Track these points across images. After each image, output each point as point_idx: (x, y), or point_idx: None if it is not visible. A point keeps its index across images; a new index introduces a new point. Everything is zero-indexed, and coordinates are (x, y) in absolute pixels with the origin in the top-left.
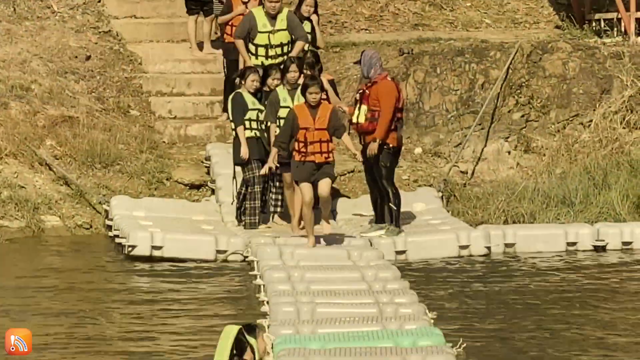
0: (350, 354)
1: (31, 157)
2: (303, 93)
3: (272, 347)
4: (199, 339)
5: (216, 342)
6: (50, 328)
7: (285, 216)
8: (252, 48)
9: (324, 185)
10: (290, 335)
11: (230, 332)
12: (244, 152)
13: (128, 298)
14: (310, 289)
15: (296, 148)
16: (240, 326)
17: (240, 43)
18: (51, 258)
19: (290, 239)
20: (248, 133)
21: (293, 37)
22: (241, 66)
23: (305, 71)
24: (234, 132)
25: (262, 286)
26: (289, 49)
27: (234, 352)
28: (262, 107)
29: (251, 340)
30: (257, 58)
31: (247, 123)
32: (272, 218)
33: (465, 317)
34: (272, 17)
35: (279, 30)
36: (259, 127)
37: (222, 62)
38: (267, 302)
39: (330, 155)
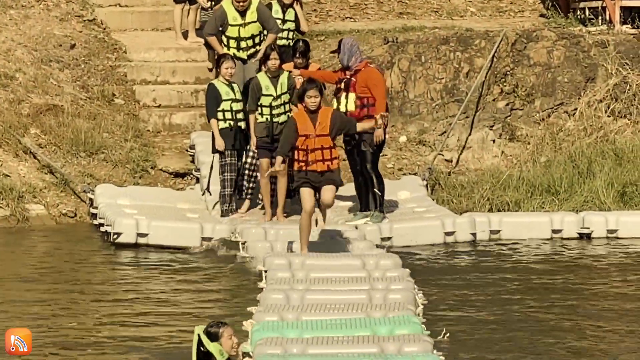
0: (328, 342)
1: (15, 145)
2: (301, 97)
3: (250, 334)
4: (183, 325)
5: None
6: (32, 316)
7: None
8: (224, 40)
9: (328, 192)
10: (268, 323)
11: (194, 338)
12: (219, 144)
13: (112, 285)
14: (310, 276)
15: (296, 157)
16: (198, 333)
17: (212, 40)
18: (36, 246)
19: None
20: (222, 124)
21: (264, 29)
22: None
23: (297, 59)
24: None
25: (263, 273)
26: (261, 39)
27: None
28: (236, 97)
29: (210, 347)
30: (228, 49)
31: (220, 114)
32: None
33: (449, 305)
34: (243, 10)
35: (249, 22)
36: (234, 117)
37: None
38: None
39: (334, 162)
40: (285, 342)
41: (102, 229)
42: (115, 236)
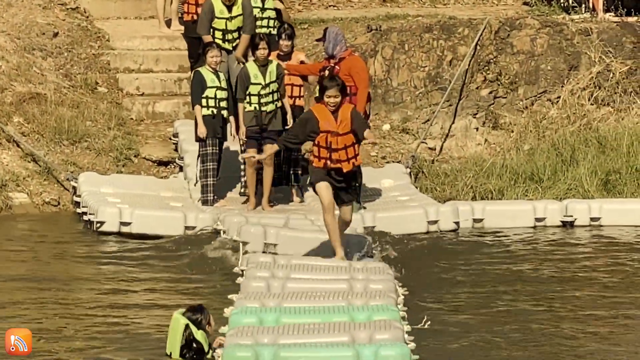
0: (299, 331)
1: None
2: (321, 95)
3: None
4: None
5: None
6: (17, 303)
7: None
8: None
9: (348, 211)
10: (246, 308)
11: (176, 325)
12: (201, 131)
13: (95, 273)
14: (291, 263)
15: (316, 153)
16: (187, 322)
17: (207, 38)
18: (19, 234)
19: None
20: (205, 111)
21: (242, 26)
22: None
23: (283, 41)
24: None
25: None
26: None
27: (186, 345)
28: (221, 85)
29: (198, 336)
30: (213, 40)
31: (204, 101)
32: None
33: (431, 294)
34: (229, 5)
35: (235, 16)
36: (217, 105)
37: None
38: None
39: (358, 158)
40: (257, 332)
41: (85, 217)
42: (98, 225)
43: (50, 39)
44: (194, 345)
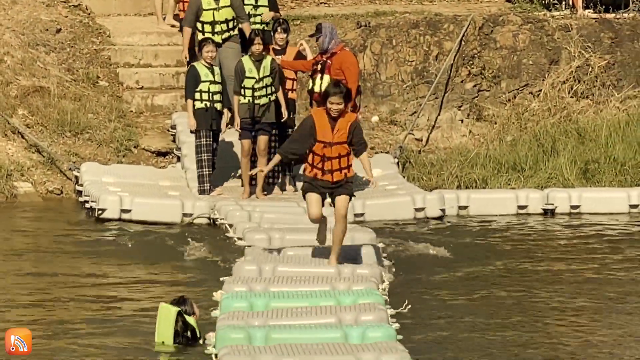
0: (289, 314)
1: (4, 126)
2: (324, 100)
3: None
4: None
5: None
6: (20, 287)
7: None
8: (199, 25)
9: (342, 202)
10: (237, 292)
11: (168, 314)
12: (191, 124)
13: (97, 258)
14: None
15: (310, 161)
16: (178, 309)
17: (186, 30)
18: (23, 222)
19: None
20: (198, 104)
21: (236, 17)
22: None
23: (278, 34)
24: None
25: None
26: (234, 24)
27: (179, 332)
28: (215, 79)
29: (191, 321)
30: (204, 34)
31: (198, 94)
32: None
33: (414, 279)
34: None
35: (222, 7)
36: (210, 99)
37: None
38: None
39: (350, 169)
40: (247, 316)
41: (87, 205)
42: (99, 212)
43: (54, 35)
44: (188, 330)
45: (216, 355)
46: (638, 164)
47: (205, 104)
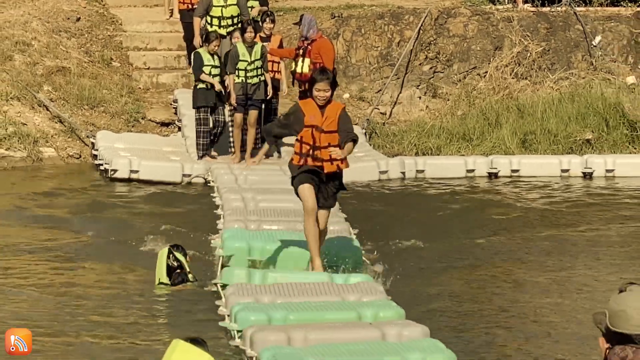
0: (294, 290)
1: (32, 100)
2: (310, 88)
3: (222, 240)
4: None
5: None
6: (36, 234)
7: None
8: (208, 18)
9: (323, 217)
10: (237, 229)
11: (162, 255)
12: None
13: (110, 210)
14: (259, 207)
15: (297, 150)
16: (169, 246)
17: (196, 20)
18: (47, 182)
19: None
20: (200, 84)
21: (240, 13)
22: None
23: (266, 24)
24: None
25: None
26: (238, 20)
27: (172, 267)
28: (215, 64)
29: (180, 256)
30: (211, 27)
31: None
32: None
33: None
34: None
35: (230, 5)
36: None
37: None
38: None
39: (344, 162)
40: (254, 290)
41: (102, 167)
42: (112, 172)
43: (74, 23)
44: (176, 263)
45: (239, 331)
46: (568, 135)
47: (206, 84)
